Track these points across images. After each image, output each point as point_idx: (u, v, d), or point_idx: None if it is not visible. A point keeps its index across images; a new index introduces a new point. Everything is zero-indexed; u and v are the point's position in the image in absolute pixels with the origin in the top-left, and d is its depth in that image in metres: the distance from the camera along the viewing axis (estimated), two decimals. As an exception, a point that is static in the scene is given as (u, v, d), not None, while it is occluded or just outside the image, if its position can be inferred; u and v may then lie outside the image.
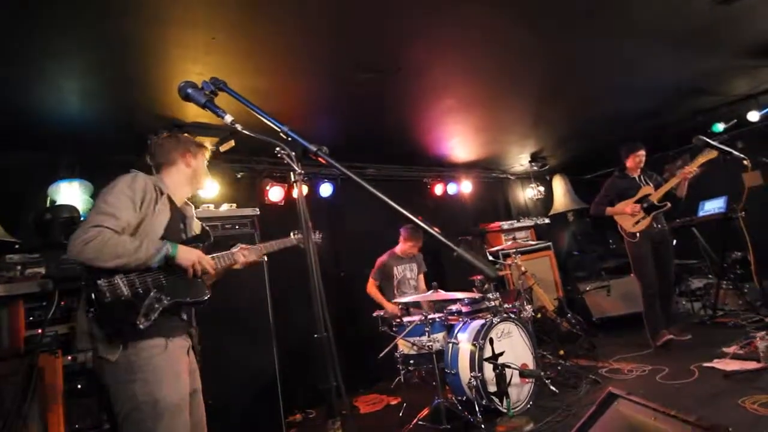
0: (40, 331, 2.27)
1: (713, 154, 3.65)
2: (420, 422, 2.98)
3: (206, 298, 1.80)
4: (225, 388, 2.70)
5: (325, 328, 1.07)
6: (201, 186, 2.04)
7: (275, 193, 4.11)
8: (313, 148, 1.16)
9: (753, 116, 5.18)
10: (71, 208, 2.72)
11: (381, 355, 3.20)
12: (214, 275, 1.86)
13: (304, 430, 3.46)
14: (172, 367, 1.60)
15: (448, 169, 5.80)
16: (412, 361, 3.29)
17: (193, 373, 1.78)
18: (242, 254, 1.95)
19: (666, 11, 2.83)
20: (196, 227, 2.01)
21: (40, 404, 2.13)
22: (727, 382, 2.93)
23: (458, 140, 4.85)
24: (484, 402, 2.89)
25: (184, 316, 1.76)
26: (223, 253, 1.92)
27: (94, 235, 1.50)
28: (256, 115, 1.29)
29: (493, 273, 0.96)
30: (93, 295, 1.50)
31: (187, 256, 1.70)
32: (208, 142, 3.38)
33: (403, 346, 3.34)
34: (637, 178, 4.17)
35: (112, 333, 1.52)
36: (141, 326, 1.52)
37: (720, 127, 5.40)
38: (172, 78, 2.53)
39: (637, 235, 3.99)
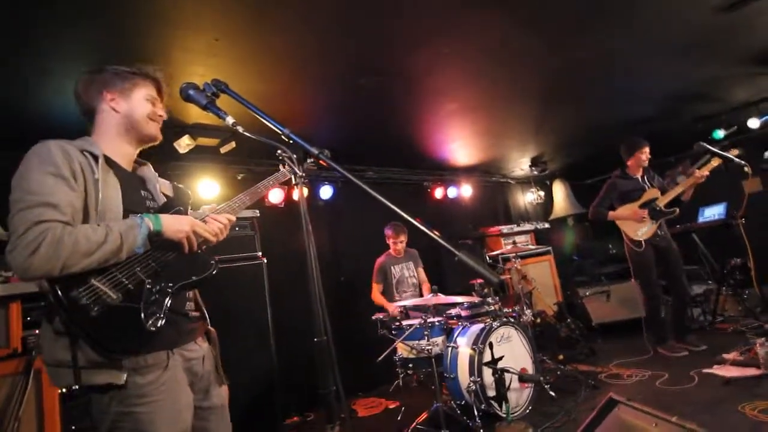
0: (37, 331, 2.26)
1: (717, 160, 3.63)
2: (418, 426, 2.97)
3: (215, 268, 1.41)
4: (223, 391, 2.69)
5: (325, 332, 1.06)
6: (147, 134, 1.44)
7: (275, 195, 4.11)
8: (315, 151, 1.16)
9: (753, 123, 5.20)
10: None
11: (380, 358, 3.19)
12: (216, 241, 1.44)
13: (302, 433, 3.45)
14: (171, 397, 1.24)
15: (449, 173, 5.80)
16: (411, 365, 3.28)
17: (206, 387, 1.42)
18: (215, 223, 1.44)
19: (667, 18, 2.84)
20: (166, 190, 1.55)
21: (37, 405, 2.13)
22: (727, 388, 2.92)
23: (459, 144, 4.86)
24: (483, 406, 2.88)
25: (191, 312, 1.42)
26: (209, 213, 1.48)
27: (39, 236, 1.06)
28: (258, 117, 1.29)
29: (496, 278, 0.96)
30: (72, 314, 1.09)
31: (177, 226, 1.30)
32: (209, 142, 3.41)
33: (402, 350, 3.32)
34: (640, 179, 4.03)
35: (116, 351, 1.14)
36: (152, 328, 1.17)
37: (720, 133, 5.42)
38: (175, 79, 2.53)
39: (642, 243, 3.85)
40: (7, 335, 2.22)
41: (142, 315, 1.17)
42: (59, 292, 1.09)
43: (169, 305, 1.25)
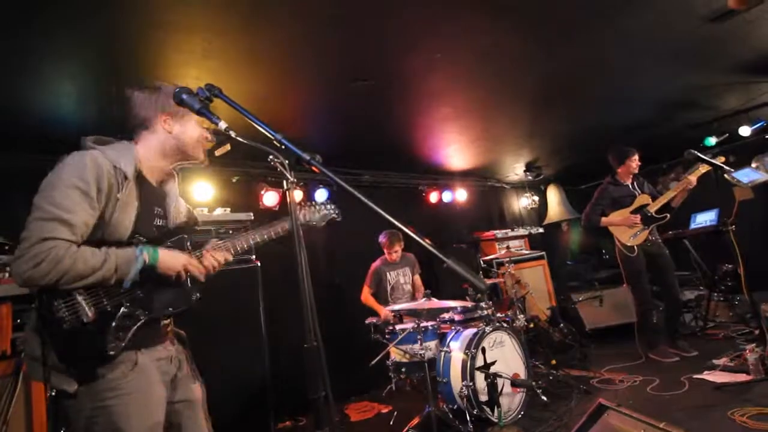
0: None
1: (705, 167, 3.68)
2: (411, 430, 2.97)
3: (194, 303, 1.50)
4: (215, 394, 2.67)
5: (315, 338, 1.07)
6: (194, 156, 1.53)
7: (270, 198, 4.11)
8: (307, 156, 1.16)
9: (744, 131, 5.27)
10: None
11: (373, 362, 3.19)
12: (203, 279, 1.51)
13: (293, 437, 3.44)
14: (143, 391, 1.31)
15: (444, 177, 5.83)
16: (403, 369, 3.29)
17: (181, 383, 1.49)
18: (210, 260, 1.50)
19: (659, 26, 2.88)
20: (181, 210, 1.61)
21: (26, 407, 2.11)
22: (716, 394, 2.94)
23: (454, 149, 4.88)
24: (475, 411, 2.89)
25: (166, 321, 1.48)
26: (209, 247, 1.55)
27: (44, 253, 1.15)
28: (251, 123, 1.29)
29: (482, 285, 0.97)
30: (46, 322, 1.20)
31: (170, 263, 1.37)
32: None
33: (395, 354, 3.33)
34: (630, 186, 4.11)
35: (73, 366, 1.22)
36: (111, 353, 1.24)
37: (712, 140, 5.48)
38: (169, 82, 2.53)
39: (635, 249, 3.92)
40: (-4, 337, 2.20)
41: (107, 338, 1.25)
42: (43, 298, 1.21)
43: (134, 332, 1.31)
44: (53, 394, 1.33)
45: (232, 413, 2.77)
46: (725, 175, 3.34)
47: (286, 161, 1.20)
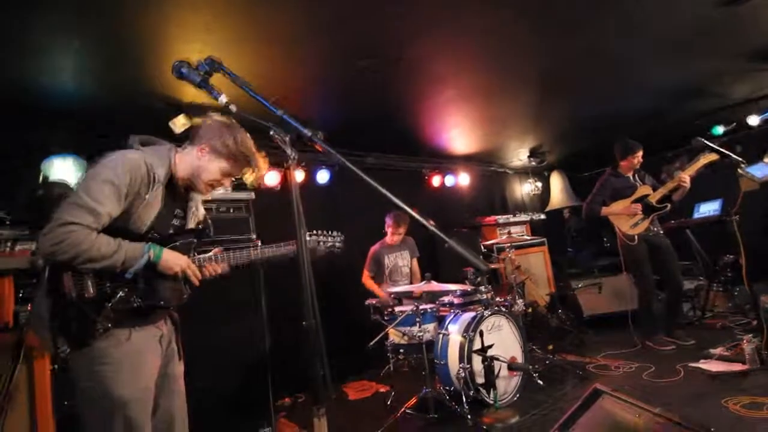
0: (30, 307, 2.26)
1: (713, 156, 3.64)
2: (408, 411, 3.01)
3: (184, 299, 1.67)
4: (215, 371, 2.71)
5: (314, 315, 1.07)
6: (197, 190, 1.70)
7: (271, 178, 4.09)
8: (308, 132, 1.14)
9: (753, 120, 5.19)
10: (64, 185, 2.70)
11: (372, 343, 3.22)
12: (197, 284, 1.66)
13: (292, 413, 3.49)
14: (133, 360, 1.47)
15: (447, 161, 5.78)
16: (402, 351, 3.32)
17: (170, 358, 1.66)
18: (209, 270, 1.70)
19: (668, 11, 2.80)
20: (200, 214, 1.80)
21: (28, 379, 2.13)
22: (711, 382, 2.97)
23: (458, 132, 4.83)
24: (471, 393, 2.92)
25: (162, 303, 1.61)
26: (212, 256, 1.72)
27: (66, 234, 1.33)
28: (252, 97, 1.26)
29: (484, 266, 0.96)
30: (56, 289, 1.40)
31: (171, 263, 1.53)
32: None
33: (394, 336, 3.35)
34: (631, 177, 4.13)
35: (68, 333, 1.40)
36: (100, 330, 1.40)
37: (720, 130, 5.41)
38: (170, 57, 2.49)
39: (636, 237, 3.93)
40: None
41: (99, 315, 1.41)
42: (56, 270, 1.40)
43: (126, 314, 1.47)
44: (55, 367, 1.45)
45: (232, 390, 2.80)
46: (738, 170, 3.30)
47: (287, 137, 1.17)
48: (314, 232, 2.03)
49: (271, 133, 1.18)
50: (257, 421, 2.86)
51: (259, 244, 3.19)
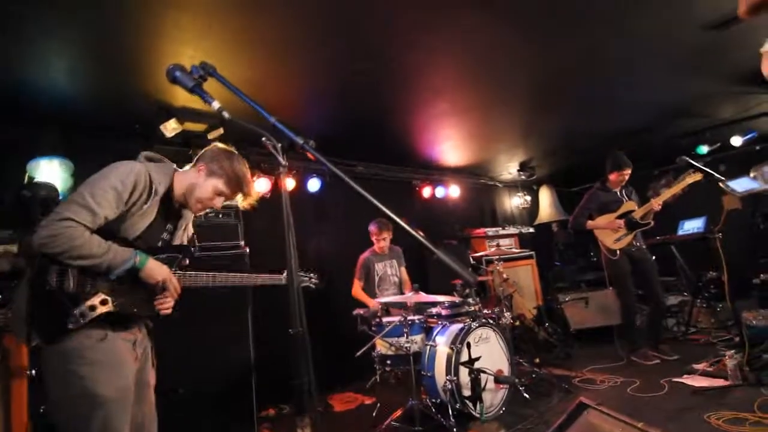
0: (7, 311, 2.20)
1: (697, 176, 3.73)
2: (393, 423, 2.98)
3: (156, 315, 1.66)
4: (198, 380, 2.66)
5: (300, 323, 1.06)
6: (189, 206, 1.76)
7: (261, 185, 4.07)
8: (300, 141, 1.14)
9: (736, 141, 5.33)
10: (50, 186, 2.65)
11: (358, 353, 3.19)
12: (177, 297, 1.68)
13: (276, 425, 3.43)
14: (111, 359, 1.48)
15: (437, 173, 5.82)
16: (389, 362, 3.29)
17: (143, 365, 1.66)
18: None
19: (661, 32, 2.89)
20: (185, 234, 1.86)
21: (4, 384, 2.07)
22: (694, 397, 3.00)
23: (449, 144, 4.88)
24: (457, 406, 2.91)
25: (135, 310, 1.61)
26: (196, 273, 1.75)
27: (63, 229, 1.39)
28: (245, 103, 1.26)
29: (471, 278, 0.96)
30: (39, 279, 1.41)
31: (154, 274, 1.56)
32: (197, 127, 3.36)
33: (381, 346, 3.33)
34: (618, 192, 4.21)
35: (41, 322, 1.41)
36: (70, 326, 1.40)
37: (704, 149, 5.54)
38: (164, 61, 2.49)
39: (618, 252, 4.02)
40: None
41: (72, 311, 1.41)
42: (42, 260, 1.42)
43: (99, 315, 1.46)
44: (32, 372, 1.41)
45: (216, 400, 2.76)
46: (720, 184, 3.38)
47: (279, 144, 1.18)
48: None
49: (263, 139, 1.18)
50: (240, 432, 2.81)
51: (247, 251, 3.19)
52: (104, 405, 1.41)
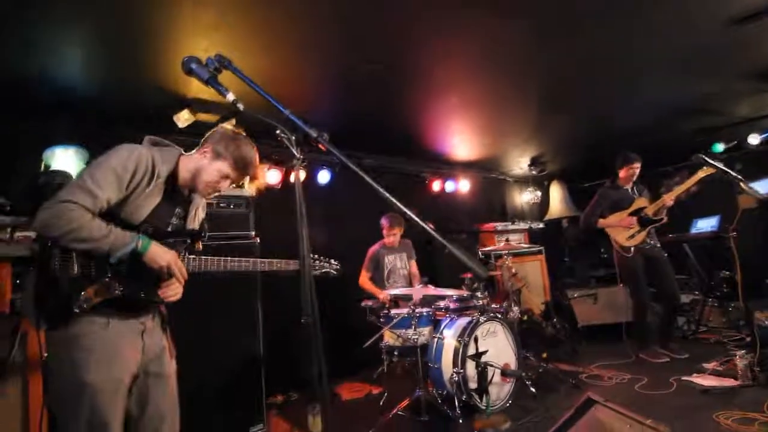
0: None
1: (711, 170, 3.66)
2: (400, 412, 3.02)
3: (161, 301, 1.64)
4: (207, 367, 2.71)
5: (312, 313, 1.07)
6: (197, 190, 1.72)
7: (272, 176, 4.10)
8: (314, 134, 1.15)
9: (753, 139, 5.23)
10: (65, 174, 2.70)
11: (367, 344, 3.23)
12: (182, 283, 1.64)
13: (284, 411, 3.49)
14: (108, 349, 1.45)
15: (448, 167, 5.80)
16: (396, 353, 3.33)
17: (156, 356, 1.62)
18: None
19: (680, 27, 2.82)
20: (196, 220, 1.82)
21: (22, 365, 2.13)
22: (703, 396, 2.98)
23: (460, 139, 4.85)
24: (464, 398, 2.93)
25: (143, 295, 1.58)
26: (206, 257, 1.72)
27: (64, 212, 1.37)
28: (259, 95, 1.27)
29: (484, 272, 0.97)
30: (44, 265, 1.41)
31: (157, 258, 1.51)
32: (209, 118, 3.38)
33: (389, 338, 3.36)
34: (629, 190, 4.17)
35: (46, 307, 1.41)
36: (75, 310, 1.39)
37: (720, 147, 5.45)
38: (178, 52, 2.51)
39: (632, 249, 3.97)
40: (-4, 296, 2.22)
41: (78, 295, 1.41)
42: (47, 245, 1.42)
43: (106, 301, 1.45)
44: (46, 355, 1.45)
45: (225, 386, 2.80)
46: (741, 185, 3.31)
47: (293, 137, 1.19)
48: (314, 256, 2.14)
49: (278, 132, 1.19)
50: (249, 418, 2.86)
51: (258, 241, 3.22)
52: (93, 393, 1.39)
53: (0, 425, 2.04)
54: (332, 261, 2.23)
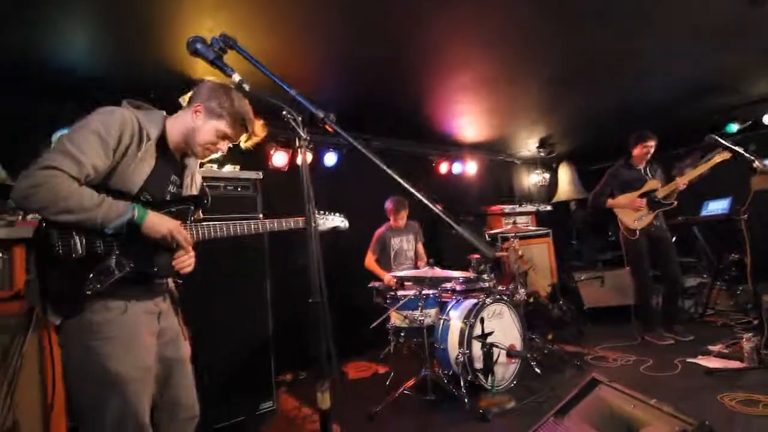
0: (40, 275, 2.29)
1: (726, 155, 3.60)
2: (406, 391, 3.07)
3: (173, 274, 1.56)
4: (218, 346, 2.76)
5: (321, 294, 1.09)
6: (193, 153, 1.60)
7: (279, 159, 4.10)
8: (321, 114, 1.15)
9: (769, 119, 5.10)
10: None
11: (374, 324, 3.27)
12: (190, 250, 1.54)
13: (294, 389, 3.57)
14: (130, 335, 1.37)
15: (455, 149, 5.75)
16: (403, 334, 3.37)
17: (172, 340, 1.56)
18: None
19: (694, 5, 2.73)
20: (193, 186, 1.70)
21: (39, 345, 2.19)
22: (708, 378, 3.00)
23: (468, 119, 4.79)
24: (469, 377, 2.97)
25: (155, 269, 1.48)
26: (210, 223, 1.59)
27: (45, 179, 1.21)
28: (264, 76, 1.26)
29: (490, 252, 0.97)
30: (44, 249, 1.28)
31: (157, 226, 1.39)
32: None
33: (396, 319, 3.40)
34: (642, 170, 4.10)
35: (55, 295, 1.30)
36: (88, 292, 1.29)
37: (734, 127, 5.33)
38: (183, 32, 2.49)
39: (637, 232, 3.96)
40: (10, 278, 2.26)
41: (89, 276, 1.30)
42: (43, 226, 1.29)
43: (118, 281, 1.35)
44: (63, 346, 1.40)
45: (235, 365, 2.87)
46: (755, 163, 3.24)
47: (299, 117, 1.18)
48: (320, 211, 2.04)
49: (284, 113, 1.18)
50: (259, 396, 2.93)
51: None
52: (123, 385, 1.30)
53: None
54: (337, 214, 2.12)
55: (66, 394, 2.00)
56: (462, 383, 2.97)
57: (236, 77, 1.29)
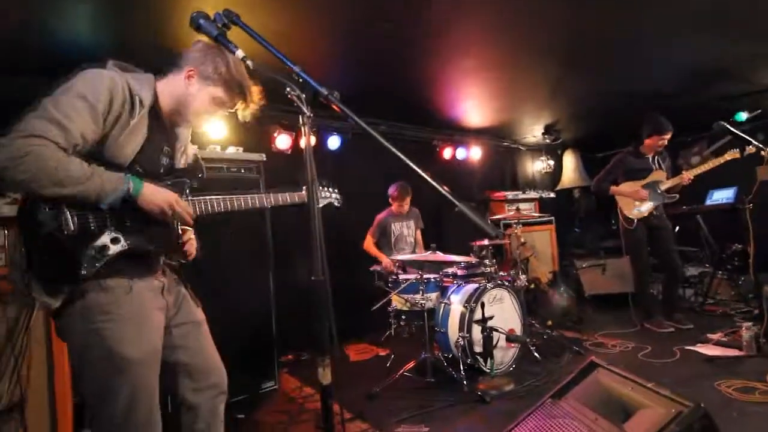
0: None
1: (736, 154, 3.58)
2: (406, 373, 3.11)
3: (178, 244, 1.51)
4: (221, 327, 2.78)
5: (323, 272, 1.09)
6: (188, 121, 1.51)
7: (282, 141, 4.08)
8: (325, 91, 1.14)
9: (779, 108, 5.02)
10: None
11: (375, 307, 3.30)
12: (191, 223, 1.45)
13: (295, 369, 3.63)
14: (139, 316, 1.29)
15: (459, 134, 5.71)
16: (403, 317, 3.40)
17: (181, 306, 1.51)
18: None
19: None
20: (189, 155, 1.61)
21: (45, 323, 2.21)
22: (706, 365, 3.02)
23: (473, 104, 4.74)
24: (469, 361, 3.01)
25: (153, 247, 1.41)
26: (209, 197, 1.50)
27: (29, 147, 1.08)
28: (268, 54, 1.25)
29: (492, 231, 0.97)
30: (26, 226, 1.17)
31: (155, 199, 1.29)
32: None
33: (397, 302, 3.42)
34: (650, 159, 4.05)
35: (45, 277, 1.20)
36: (83, 272, 1.19)
37: (743, 116, 5.25)
38: (185, 8, 2.45)
39: (635, 222, 3.96)
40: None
41: (82, 256, 1.20)
42: (28, 204, 1.18)
43: (115, 259, 1.26)
44: (66, 332, 1.31)
45: (238, 346, 2.90)
46: (762, 152, 3.21)
47: (303, 95, 1.17)
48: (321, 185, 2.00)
49: (287, 90, 1.17)
50: (262, 376, 2.97)
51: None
52: (132, 368, 1.24)
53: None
54: (332, 190, 2.07)
55: (71, 371, 2.02)
56: (461, 366, 3.01)
57: (240, 53, 1.28)
